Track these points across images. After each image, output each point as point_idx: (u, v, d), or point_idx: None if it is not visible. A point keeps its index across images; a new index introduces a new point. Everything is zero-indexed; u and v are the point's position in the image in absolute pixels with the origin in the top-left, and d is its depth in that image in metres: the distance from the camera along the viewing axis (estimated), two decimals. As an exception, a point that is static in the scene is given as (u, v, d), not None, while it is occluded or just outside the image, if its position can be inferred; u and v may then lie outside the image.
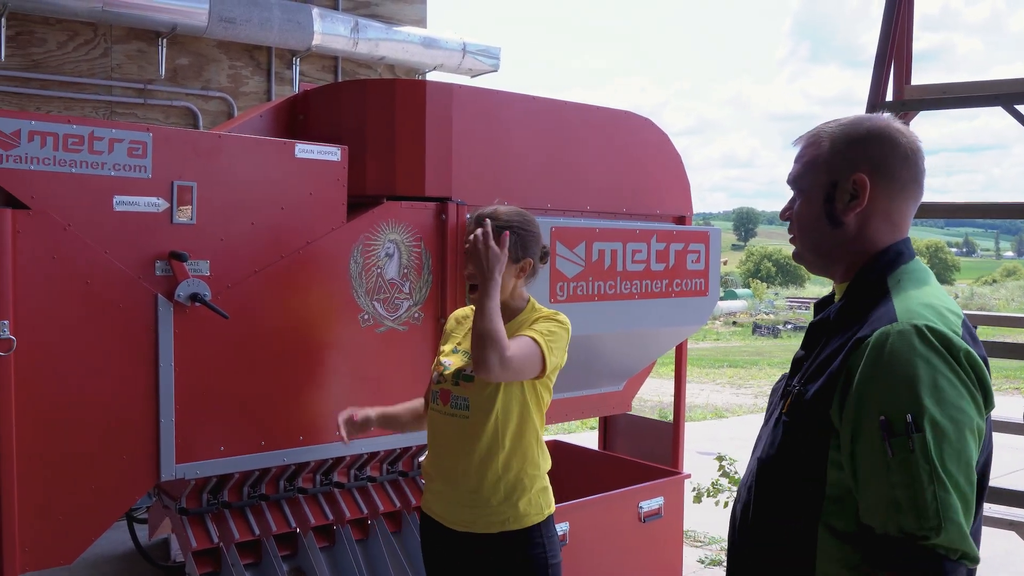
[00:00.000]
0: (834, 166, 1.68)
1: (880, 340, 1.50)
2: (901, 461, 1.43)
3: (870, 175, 1.65)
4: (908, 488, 1.42)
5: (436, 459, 2.76)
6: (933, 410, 1.43)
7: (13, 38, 6.07)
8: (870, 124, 1.69)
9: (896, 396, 1.45)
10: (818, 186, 1.70)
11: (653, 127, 4.26)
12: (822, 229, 1.71)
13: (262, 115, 3.75)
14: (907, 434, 1.42)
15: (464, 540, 2.69)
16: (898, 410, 1.44)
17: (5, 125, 2.57)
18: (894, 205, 1.67)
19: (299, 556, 3.35)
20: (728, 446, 9.03)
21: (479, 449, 2.64)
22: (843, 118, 1.74)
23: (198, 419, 2.98)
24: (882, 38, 3.87)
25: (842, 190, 1.67)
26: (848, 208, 1.67)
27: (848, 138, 1.68)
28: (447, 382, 2.71)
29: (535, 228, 2.75)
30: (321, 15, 7.01)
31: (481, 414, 2.63)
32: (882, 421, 1.45)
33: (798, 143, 1.78)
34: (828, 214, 1.69)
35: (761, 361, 21.89)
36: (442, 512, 2.73)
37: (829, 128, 1.72)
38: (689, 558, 5.40)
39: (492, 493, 2.64)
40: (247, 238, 3.05)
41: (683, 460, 4.67)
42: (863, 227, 1.68)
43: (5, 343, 2.58)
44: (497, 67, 8.19)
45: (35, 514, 2.69)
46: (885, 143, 1.65)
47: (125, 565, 5.01)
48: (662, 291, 4.12)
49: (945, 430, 1.42)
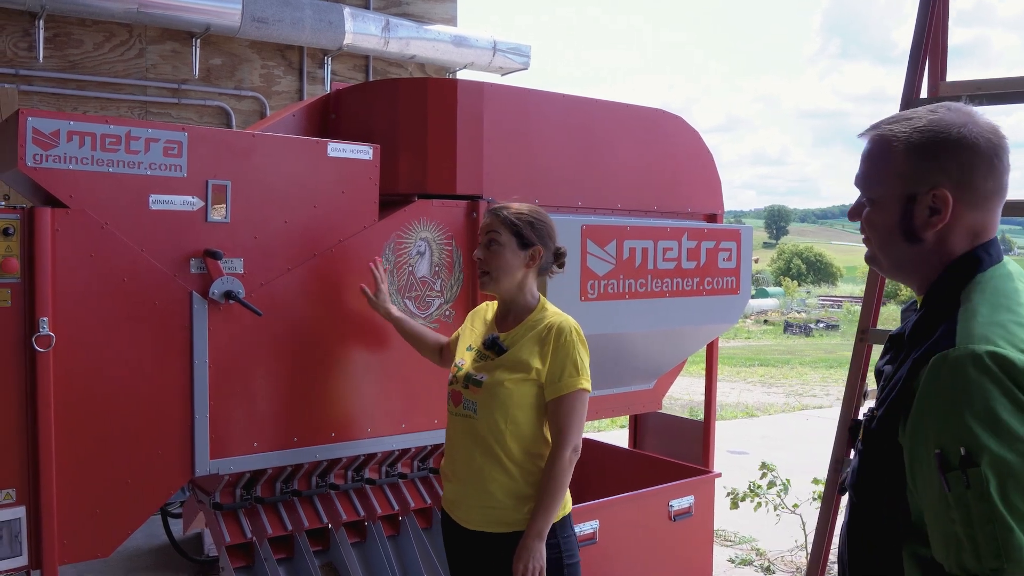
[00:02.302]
0: (911, 179, 1.53)
1: (935, 367, 1.40)
2: (958, 497, 1.34)
3: (952, 189, 1.51)
4: (967, 526, 1.33)
5: (450, 459, 2.79)
6: (989, 443, 1.32)
7: (51, 40, 6.17)
8: (949, 129, 1.52)
9: (949, 428, 1.36)
10: (893, 198, 1.56)
11: (684, 124, 4.24)
12: (897, 243, 1.58)
13: (294, 114, 3.78)
14: (961, 469, 1.33)
15: (480, 539, 2.71)
16: (952, 443, 1.35)
17: (44, 125, 2.62)
18: (977, 215, 1.54)
19: (331, 551, 3.38)
20: (759, 445, 9.00)
21: (489, 451, 2.66)
22: (916, 115, 1.57)
23: (232, 415, 3.01)
24: (917, 33, 3.82)
25: (921, 205, 1.53)
26: (928, 224, 1.53)
27: (926, 147, 1.52)
28: (458, 383, 2.75)
29: (548, 222, 2.81)
30: (352, 14, 7.05)
31: (489, 416, 2.65)
32: (937, 455, 1.36)
33: (865, 137, 1.63)
34: (905, 230, 1.56)
35: (793, 360, 21.72)
36: (457, 512, 2.76)
37: (902, 129, 1.56)
38: (719, 557, 5.38)
39: (503, 494, 2.65)
40: (280, 236, 3.08)
41: (714, 459, 4.65)
42: (943, 241, 1.55)
43: (44, 339, 2.63)
44: (527, 65, 8.18)
45: (73, 508, 2.74)
46: (967, 152, 1.50)
47: (160, 559, 5.08)
48: (693, 289, 4.10)
49: (1006, 464, 1.31)
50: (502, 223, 2.73)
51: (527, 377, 2.64)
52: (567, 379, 2.64)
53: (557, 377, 2.64)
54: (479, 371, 2.71)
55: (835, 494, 3.93)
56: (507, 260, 2.72)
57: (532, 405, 2.66)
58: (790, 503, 5.55)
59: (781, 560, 5.57)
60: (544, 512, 2.59)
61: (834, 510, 3.97)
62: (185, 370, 2.91)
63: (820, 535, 4.00)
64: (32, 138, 2.60)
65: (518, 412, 2.65)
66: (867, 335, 3.89)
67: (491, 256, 2.73)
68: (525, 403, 2.65)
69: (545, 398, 2.67)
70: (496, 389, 2.65)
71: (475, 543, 2.72)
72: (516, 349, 2.68)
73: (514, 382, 2.64)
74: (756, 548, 5.78)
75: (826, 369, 19.21)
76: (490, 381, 2.66)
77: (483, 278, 2.76)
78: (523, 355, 2.66)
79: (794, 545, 5.69)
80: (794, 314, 51.29)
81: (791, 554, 5.64)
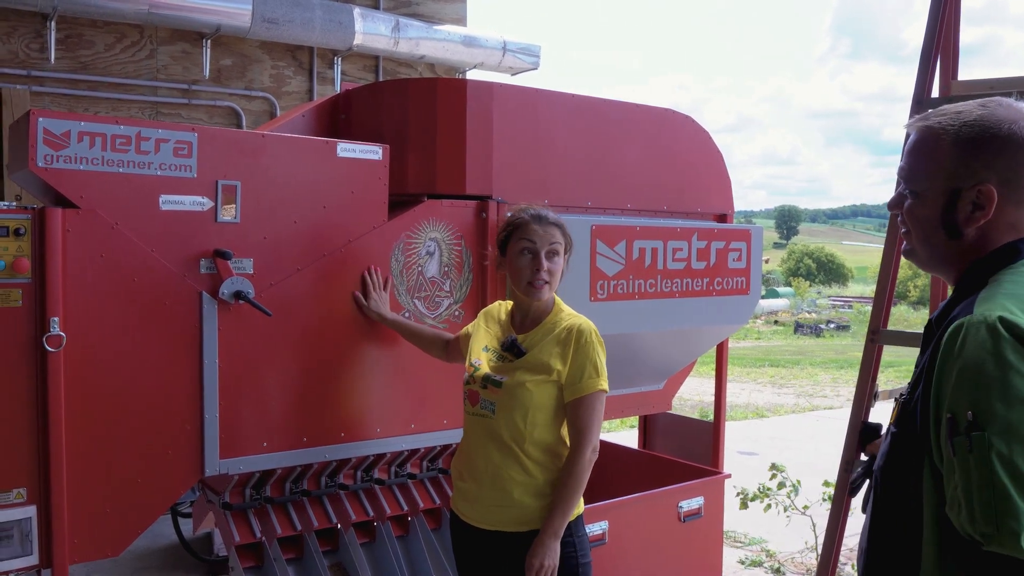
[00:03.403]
0: (957, 173, 1.53)
1: (952, 335, 1.41)
2: (961, 461, 1.35)
3: (998, 186, 1.50)
4: (965, 490, 1.34)
5: (466, 458, 2.79)
6: (999, 408, 1.33)
7: (63, 41, 6.19)
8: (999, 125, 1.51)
9: (960, 393, 1.37)
10: (937, 192, 1.56)
11: (694, 124, 4.23)
12: (938, 237, 1.58)
13: (304, 115, 3.78)
14: (966, 433, 1.34)
15: (493, 539, 2.71)
16: (961, 408, 1.36)
17: (55, 126, 2.63)
18: (1020, 211, 1.54)
19: (340, 551, 3.38)
20: (769, 446, 8.98)
21: (507, 451, 2.66)
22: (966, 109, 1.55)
23: (241, 415, 3.02)
24: (928, 32, 3.80)
25: (965, 200, 1.53)
26: (971, 220, 1.54)
27: (973, 142, 1.51)
28: (476, 384, 2.75)
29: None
30: (362, 15, 7.05)
31: (508, 417, 2.66)
32: (948, 419, 1.38)
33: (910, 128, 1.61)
34: (947, 224, 1.56)
35: (803, 360, 21.67)
36: (471, 511, 2.76)
37: (951, 123, 1.54)
38: (729, 558, 5.37)
39: (520, 493, 2.66)
40: (290, 236, 3.08)
41: (723, 460, 4.64)
42: (983, 237, 1.55)
43: (55, 339, 2.64)
44: (537, 65, 8.18)
45: (83, 507, 2.74)
46: (1015, 149, 1.50)
47: (170, 558, 5.09)
48: (703, 289, 4.09)
49: (1014, 428, 1.32)
50: (560, 231, 2.77)
51: (548, 379, 2.66)
52: (587, 380, 2.65)
53: (577, 379, 2.66)
54: (498, 372, 2.72)
55: (845, 496, 3.91)
56: (562, 268, 2.78)
57: (551, 406, 2.69)
58: (800, 504, 5.53)
59: (791, 561, 5.55)
60: (562, 511, 2.60)
61: (844, 511, 3.96)
62: (195, 370, 2.92)
63: (830, 536, 3.99)
64: (43, 139, 2.61)
65: (538, 413, 2.67)
66: (878, 336, 3.88)
67: (555, 266, 2.75)
68: (545, 404, 2.67)
69: (564, 399, 2.68)
70: (516, 390, 2.66)
71: (487, 543, 2.73)
72: (536, 351, 2.70)
73: (535, 384, 2.66)
74: (766, 549, 5.76)
75: (836, 370, 19.16)
76: (510, 382, 2.68)
77: (541, 287, 2.72)
78: (544, 357, 2.68)
79: (804, 546, 5.67)
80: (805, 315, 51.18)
81: (801, 555, 5.62)
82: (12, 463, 2.64)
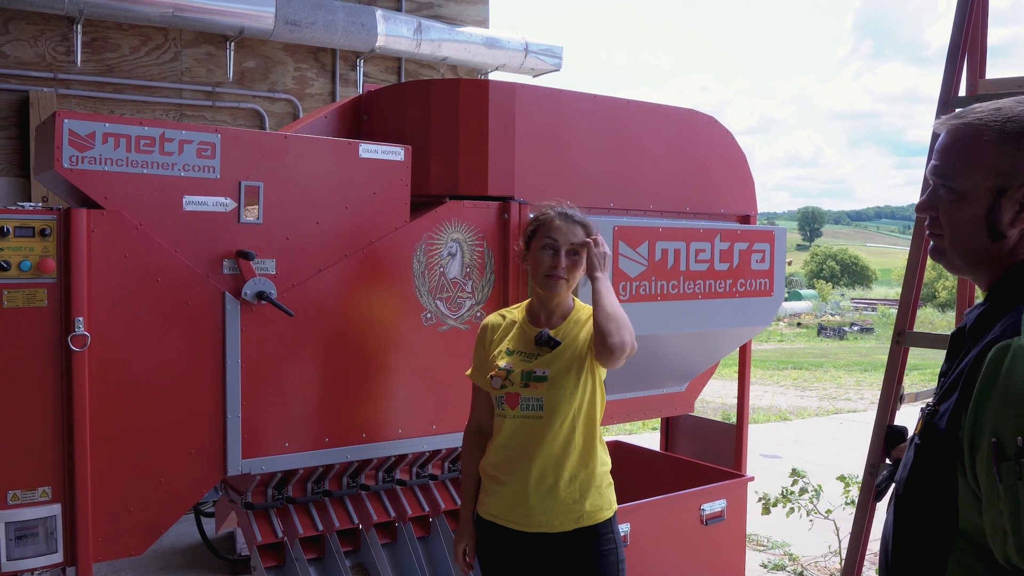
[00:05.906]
0: (1003, 171, 1.45)
1: (997, 355, 1.34)
2: (1008, 488, 1.28)
3: None
4: (1014, 519, 1.28)
5: (507, 463, 2.72)
6: None
7: (88, 44, 6.25)
8: None
9: (1008, 417, 1.30)
10: (980, 191, 1.48)
11: (717, 125, 4.21)
12: (979, 239, 1.51)
13: (327, 116, 3.79)
14: (1015, 459, 1.27)
15: (535, 542, 2.68)
16: (1009, 433, 1.29)
17: (80, 127, 2.65)
18: None
19: (361, 552, 3.39)
20: (792, 449, 8.91)
21: (556, 448, 2.66)
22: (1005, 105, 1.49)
23: (264, 415, 3.03)
24: (955, 30, 3.76)
25: (1010, 199, 1.45)
26: (1016, 221, 1.46)
27: (1019, 138, 1.44)
28: (514, 385, 2.70)
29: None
30: (385, 17, 7.08)
31: (556, 413, 2.65)
32: (993, 443, 1.31)
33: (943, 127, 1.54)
34: (990, 225, 1.48)
35: (826, 363, 21.51)
36: (511, 516, 2.71)
37: (991, 120, 1.47)
38: (752, 562, 5.33)
39: (568, 491, 2.66)
40: (312, 237, 3.09)
41: (746, 463, 4.61)
42: None
43: (80, 339, 2.66)
44: (559, 66, 8.17)
45: (107, 506, 2.76)
46: None
47: (192, 557, 5.13)
48: (726, 291, 4.06)
49: None
50: (584, 230, 2.77)
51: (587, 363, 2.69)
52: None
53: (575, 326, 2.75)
54: (537, 367, 2.70)
55: (870, 499, 3.87)
56: (582, 268, 2.77)
57: (591, 398, 2.71)
58: (823, 508, 5.48)
59: (814, 565, 5.50)
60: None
61: (869, 516, 3.92)
62: (217, 370, 2.93)
63: (855, 541, 3.95)
64: (68, 140, 2.63)
65: (582, 402, 2.68)
66: (903, 338, 3.84)
67: (574, 265, 2.74)
68: (587, 394, 2.69)
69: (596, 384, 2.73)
70: (560, 381, 2.66)
71: (528, 547, 2.70)
72: (571, 340, 2.72)
73: (578, 370, 2.67)
74: (789, 553, 5.72)
75: (860, 373, 18.99)
76: (555, 373, 2.67)
77: (558, 280, 2.73)
78: (578, 344, 2.71)
79: (827, 550, 5.62)
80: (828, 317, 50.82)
81: (824, 560, 5.57)
82: (37, 462, 2.66)
